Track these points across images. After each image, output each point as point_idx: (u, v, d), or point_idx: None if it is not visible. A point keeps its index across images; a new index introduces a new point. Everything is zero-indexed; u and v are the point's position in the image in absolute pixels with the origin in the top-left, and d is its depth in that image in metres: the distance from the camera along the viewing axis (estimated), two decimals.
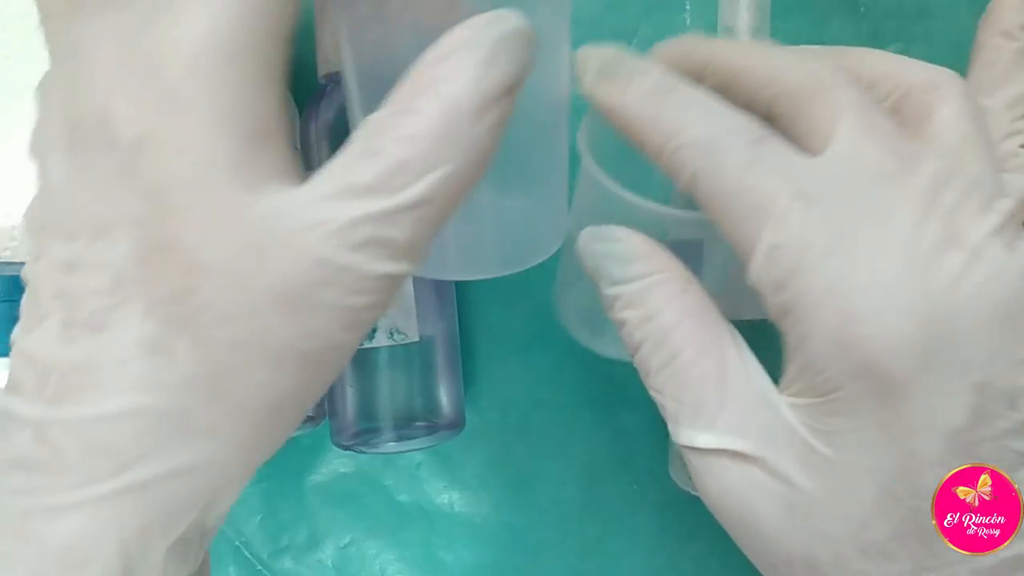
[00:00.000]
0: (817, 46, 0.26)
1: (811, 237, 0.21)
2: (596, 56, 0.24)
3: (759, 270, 0.22)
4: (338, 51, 0.23)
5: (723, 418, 0.22)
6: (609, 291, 0.24)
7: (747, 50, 0.25)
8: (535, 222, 0.25)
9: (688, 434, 0.23)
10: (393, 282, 0.19)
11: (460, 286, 0.37)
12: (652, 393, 0.24)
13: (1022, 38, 0.25)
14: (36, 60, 0.33)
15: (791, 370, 0.23)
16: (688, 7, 0.38)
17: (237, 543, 0.39)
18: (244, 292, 0.18)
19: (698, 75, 0.25)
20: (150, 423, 0.19)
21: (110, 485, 0.19)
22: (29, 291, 0.20)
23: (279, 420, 0.20)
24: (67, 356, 0.19)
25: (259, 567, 0.39)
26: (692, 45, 0.26)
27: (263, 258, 0.18)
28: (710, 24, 0.37)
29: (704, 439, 0.23)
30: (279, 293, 0.18)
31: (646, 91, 0.23)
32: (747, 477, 0.22)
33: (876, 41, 0.38)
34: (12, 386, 0.20)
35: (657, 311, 0.23)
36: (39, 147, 0.20)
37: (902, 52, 0.26)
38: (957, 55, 0.26)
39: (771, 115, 0.24)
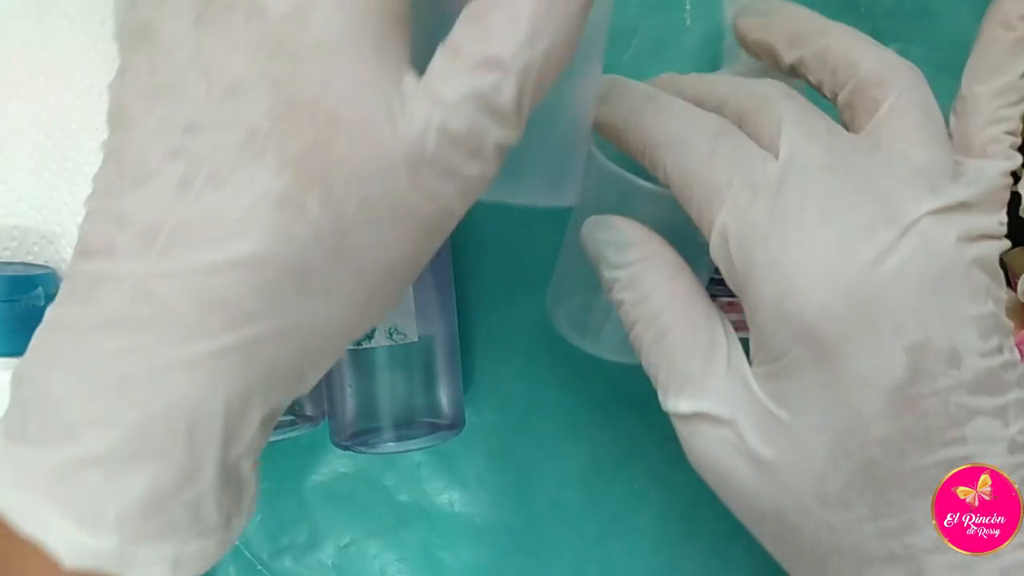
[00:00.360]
0: (804, 10, 0.29)
1: (756, 220, 0.24)
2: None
3: (715, 250, 0.25)
4: None
5: (704, 388, 0.25)
6: (608, 274, 0.27)
7: (703, 81, 0.28)
8: (565, 165, 0.28)
9: (674, 402, 0.26)
10: (501, 152, 0.21)
11: (460, 286, 0.37)
12: (645, 366, 0.27)
13: (1020, 28, 0.25)
14: (35, 60, 0.34)
15: (751, 342, 0.25)
16: (688, 7, 0.38)
17: (237, 543, 0.39)
18: (378, 152, 0.19)
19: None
20: (270, 277, 0.19)
21: (222, 341, 0.19)
22: (118, 158, 0.20)
23: (389, 286, 0.21)
24: (183, 212, 0.19)
25: (259, 567, 0.39)
26: (663, 83, 0.29)
27: (396, 123, 0.19)
28: (710, 24, 0.37)
29: (685, 405, 0.25)
30: (409, 157, 0.19)
31: (632, 105, 0.27)
32: (721, 439, 0.25)
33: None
34: (98, 250, 0.19)
35: (650, 293, 0.26)
36: (144, 22, 0.20)
37: (902, 52, 0.26)
38: (957, 55, 0.26)
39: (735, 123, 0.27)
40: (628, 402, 0.38)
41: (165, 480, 0.19)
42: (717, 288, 0.34)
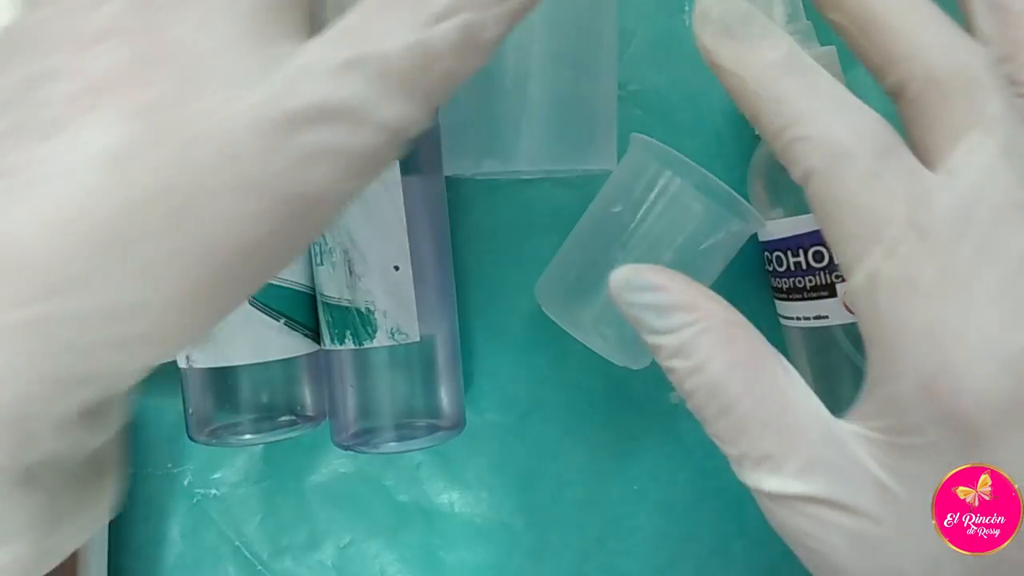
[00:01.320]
0: None
1: (916, 272, 0.20)
2: (720, 7, 0.22)
3: (857, 292, 0.21)
4: None
5: (789, 463, 0.22)
6: (651, 340, 0.23)
7: (897, 6, 0.22)
8: (599, 125, 0.30)
9: (755, 478, 0.22)
10: (392, 135, 0.18)
11: (460, 286, 0.37)
12: (709, 434, 0.23)
13: None
14: None
15: (870, 401, 0.22)
16: (687, 8, 0.38)
17: (237, 543, 0.39)
18: (234, 114, 0.17)
19: (829, 4, 0.23)
20: (91, 242, 0.16)
21: (26, 312, 0.16)
22: None
23: (244, 270, 0.18)
24: (5, 161, 0.17)
25: (259, 567, 0.39)
26: None
27: (261, 89, 0.17)
28: None
29: (772, 483, 0.22)
30: (272, 122, 0.17)
31: (772, 63, 0.22)
32: (818, 517, 0.22)
33: None
34: None
35: (705, 362, 0.22)
36: None
37: None
38: None
39: (896, 91, 0.22)
40: (628, 402, 0.38)
41: None
42: (783, 280, 0.34)
